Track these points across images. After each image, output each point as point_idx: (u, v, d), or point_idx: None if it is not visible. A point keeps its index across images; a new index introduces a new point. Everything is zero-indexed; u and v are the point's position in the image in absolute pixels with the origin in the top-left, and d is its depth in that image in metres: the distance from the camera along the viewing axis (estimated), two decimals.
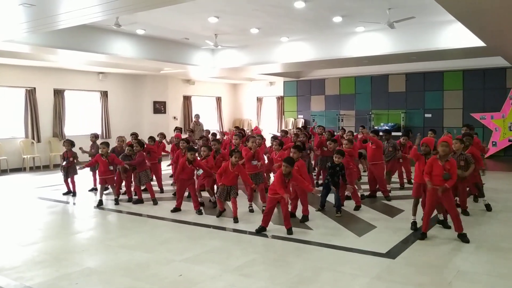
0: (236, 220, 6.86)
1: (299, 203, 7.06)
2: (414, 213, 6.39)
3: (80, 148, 9.35)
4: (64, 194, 9.38)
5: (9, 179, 12.00)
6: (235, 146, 8.72)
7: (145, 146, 9.08)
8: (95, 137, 10.12)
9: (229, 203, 7.19)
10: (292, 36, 12.66)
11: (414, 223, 6.34)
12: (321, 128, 10.68)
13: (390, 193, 8.53)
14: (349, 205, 7.71)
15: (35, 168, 13.82)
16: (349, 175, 7.48)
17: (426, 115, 16.44)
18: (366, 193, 8.49)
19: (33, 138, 13.96)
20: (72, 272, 4.76)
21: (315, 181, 9.67)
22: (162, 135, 10.71)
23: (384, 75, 17.11)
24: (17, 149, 13.67)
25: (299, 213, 7.00)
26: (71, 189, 9.36)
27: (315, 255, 5.30)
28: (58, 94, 14.72)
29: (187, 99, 19.38)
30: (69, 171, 9.31)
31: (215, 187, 7.82)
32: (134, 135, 10.02)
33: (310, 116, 19.07)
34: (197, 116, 16.16)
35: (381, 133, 10.77)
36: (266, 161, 8.96)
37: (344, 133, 10.83)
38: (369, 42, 11.99)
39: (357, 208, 7.57)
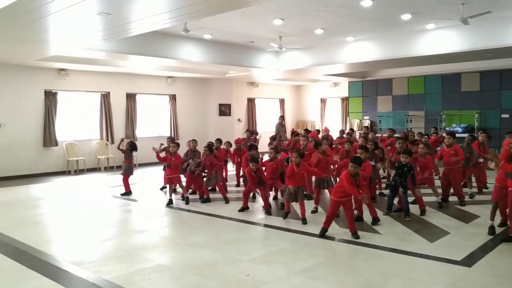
0: (305, 221, 6.85)
1: (364, 206, 6.90)
2: (492, 218, 6.03)
3: (153, 148, 9.77)
4: (122, 194, 9.76)
5: (86, 178, 12.77)
6: (302, 148, 8.71)
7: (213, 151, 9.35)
8: (171, 140, 10.46)
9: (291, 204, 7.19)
10: (358, 36, 12.40)
11: (491, 228, 5.98)
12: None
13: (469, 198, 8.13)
14: (415, 209, 7.42)
15: (109, 168, 14.59)
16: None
17: (503, 116, 15.40)
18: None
19: (107, 140, 14.77)
20: (145, 268, 4.97)
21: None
22: (229, 144, 10.92)
23: (456, 74, 16.27)
24: (93, 150, 14.53)
25: (366, 217, 6.84)
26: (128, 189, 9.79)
27: (384, 260, 5.15)
28: (130, 98, 15.46)
29: (251, 102, 19.60)
30: (125, 171, 9.74)
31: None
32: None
33: (377, 117, 18.58)
34: (282, 117, 16.42)
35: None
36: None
37: (422, 136, 10.47)
38: (441, 39, 11.46)
39: (422, 212, 7.28)
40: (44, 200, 9.51)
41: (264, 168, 7.92)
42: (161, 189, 10.24)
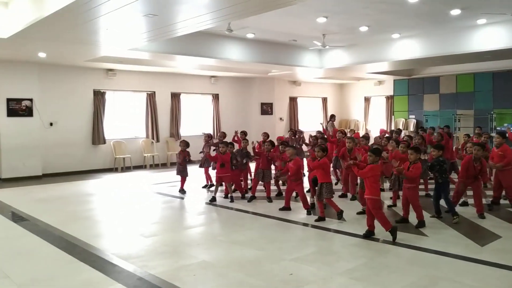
0: (340, 215, 6.92)
1: (411, 208, 6.72)
2: None
3: (201, 152, 9.95)
4: (180, 191, 9.92)
5: (132, 175, 13.16)
6: (348, 150, 8.58)
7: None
8: (208, 137, 10.64)
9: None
10: (404, 33, 12.10)
11: None
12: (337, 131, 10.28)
13: None
14: (467, 211, 7.16)
15: (154, 166, 14.96)
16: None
17: None
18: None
19: (153, 138, 15.14)
20: (190, 264, 5.06)
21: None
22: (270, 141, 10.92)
23: (508, 71, 15.57)
24: (139, 148, 14.94)
25: (412, 219, 6.67)
26: (183, 188, 9.91)
27: (431, 263, 5.01)
28: (175, 97, 15.78)
29: (293, 100, 19.54)
30: (186, 170, 9.86)
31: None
32: (266, 134, 10.37)
33: (423, 116, 18.07)
34: (334, 117, 16.45)
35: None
36: None
37: (480, 136, 10.02)
38: (492, 35, 10.98)
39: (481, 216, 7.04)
40: (93, 196, 9.88)
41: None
42: (204, 187, 10.38)
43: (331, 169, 8.94)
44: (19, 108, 12.32)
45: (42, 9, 7.17)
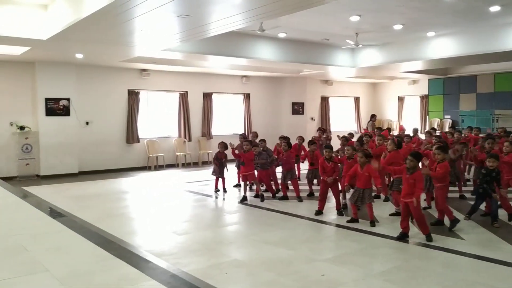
0: (372, 223, 6.66)
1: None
2: None
3: (230, 144, 9.96)
4: (215, 192, 9.92)
5: (165, 174, 13.37)
6: (376, 147, 8.47)
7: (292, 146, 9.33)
8: (243, 137, 10.66)
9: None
10: (440, 31, 11.81)
11: None
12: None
13: None
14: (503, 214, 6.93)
15: (186, 165, 15.15)
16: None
17: None
18: None
19: (185, 137, 15.34)
20: (222, 263, 5.10)
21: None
22: (301, 138, 10.82)
23: None
24: (171, 147, 15.16)
25: (447, 221, 6.51)
26: (222, 187, 9.92)
27: (468, 268, 4.88)
28: (207, 97, 15.93)
29: (324, 100, 19.39)
30: (221, 171, 9.91)
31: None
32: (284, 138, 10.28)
33: (459, 116, 17.59)
34: (374, 116, 16.38)
35: None
36: None
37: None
38: None
39: (510, 217, 6.79)
40: (127, 194, 10.09)
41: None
42: (235, 186, 10.44)
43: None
44: (57, 108, 12.72)
45: (80, 11, 7.38)
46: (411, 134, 11.66)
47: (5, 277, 4.38)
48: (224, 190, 9.88)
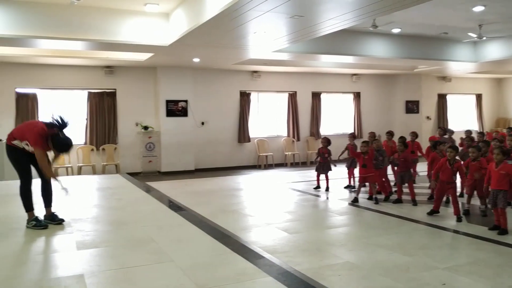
0: (503, 232, 6.08)
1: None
2: None
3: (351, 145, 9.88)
4: (314, 188, 10.01)
5: (274, 173, 13.62)
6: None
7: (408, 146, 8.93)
8: (353, 137, 10.48)
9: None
10: None
11: None
12: None
13: None
14: None
15: (294, 164, 15.29)
16: None
17: None
18: None
19: (294, 137, 15.49)
20: (334, 264, 5.04)
21: None
22: (414, 134, 10.27)
23: None
24: (280, 146, 15.42)
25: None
26: (324, 184, 9.88)
27: None
28: (315, 96, 15.90)
29: (442, 98, 18.20)
30: (324, 168, 9.89)
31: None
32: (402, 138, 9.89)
33: None
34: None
35: None
36: None
37: None
38: None
39: None
40: (239, 191, 10.49)
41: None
42: (346, 187, 10.25)
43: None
44: (176, 109, 13.66)
45: (198, 18, 7.85)
46: None
47: (138, 264, 4.82)
48: (327, 189, 9.79)
